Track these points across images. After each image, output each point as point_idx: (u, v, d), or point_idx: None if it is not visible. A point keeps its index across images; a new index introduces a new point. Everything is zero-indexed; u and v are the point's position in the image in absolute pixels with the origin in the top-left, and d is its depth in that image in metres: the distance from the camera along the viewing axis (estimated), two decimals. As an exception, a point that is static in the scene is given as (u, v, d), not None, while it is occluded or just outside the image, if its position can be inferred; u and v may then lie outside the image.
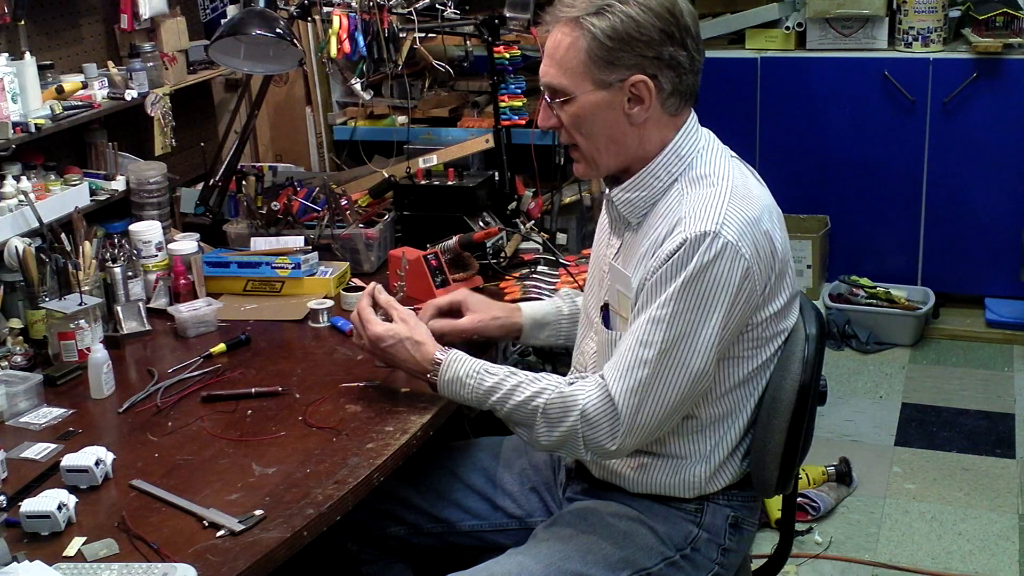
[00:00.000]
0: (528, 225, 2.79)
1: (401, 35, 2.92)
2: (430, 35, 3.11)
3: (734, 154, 1.87)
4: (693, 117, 1.84)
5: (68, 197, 2.53)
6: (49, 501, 1.64)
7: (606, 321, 1.87)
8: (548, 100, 1.82)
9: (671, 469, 1.86)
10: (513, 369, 1.84)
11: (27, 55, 2.54)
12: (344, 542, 2.13)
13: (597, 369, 1.87)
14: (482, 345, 2.16)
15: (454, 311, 2.12)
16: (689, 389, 1.73)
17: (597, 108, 1.77)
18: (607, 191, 1.89)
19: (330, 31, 2.82)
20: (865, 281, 4.43)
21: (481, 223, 2.70)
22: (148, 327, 2.41)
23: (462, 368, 1.86)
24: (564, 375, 1.91)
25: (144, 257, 2.52)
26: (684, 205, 1.75)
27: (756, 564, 2.18)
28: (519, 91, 2.90)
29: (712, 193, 1.74)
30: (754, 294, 1.73)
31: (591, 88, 1.75)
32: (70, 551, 1.60)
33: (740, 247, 1.69)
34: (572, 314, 2.14)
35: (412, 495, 2.10)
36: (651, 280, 1.72)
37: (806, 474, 3.24)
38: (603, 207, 1.95)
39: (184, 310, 2.40)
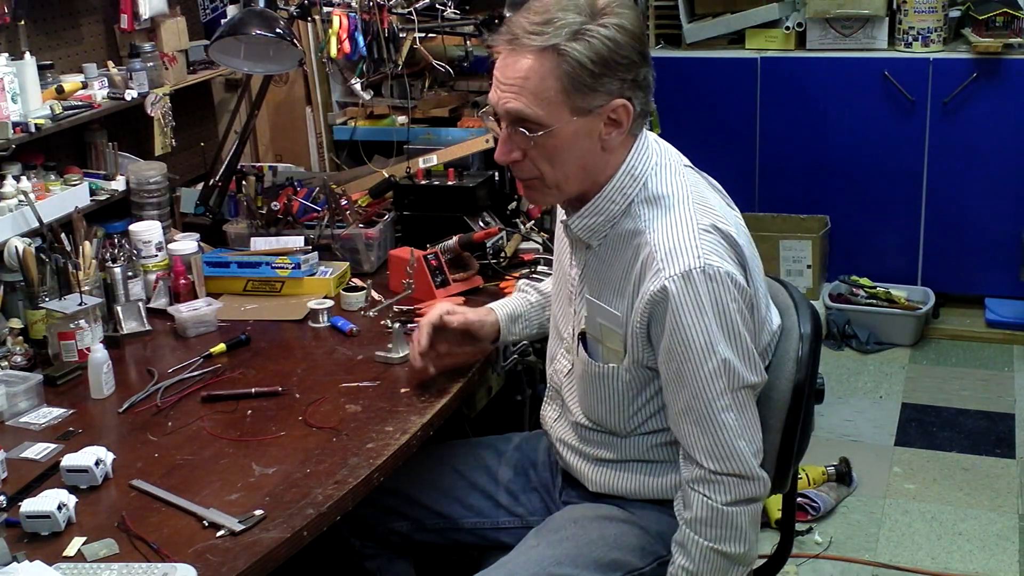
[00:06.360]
0: (528, 225, 2.79)
1: (401, 35, 2.92)
2: (430, 35, 3.11)
3: (686, 161, 1.84)
4: (644, 132, 1.80)
5: (68, 197, 2.53)
6: (49, 501, 1.64)
7: (588, 351, 1.84)
8: (511, 130, 1.71)
9: (666, 471, 1.85)
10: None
11: (27, 55, 2.53)
12: (347, 537, 2.13)
13: (575, 389, 1.87)
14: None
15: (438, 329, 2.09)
16: (756, 401, 1.76)
17: (576, 137, 1.69)
18: (561, 216, 1.85)
19: (330, 31, 2.82)
20: (865, 281, 4.43)
21: (481, 223, 2.70)
22: (148, 327, 2.41)
23: None
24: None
25: (144, 257, 2.52)
26: (650, 234, 1.72)
27: (755, 564, 2.18)
28: (519, 91, 2.89)
29: (677, 222, 1.71)
30: (747, 293, 1.73)
31: (569, 117, 1.68)
32: (70, 551, 1.60)
33: (723, 266, 1.68)
34: (538, 302, 2.14)
35: (415, 491, 2.10)
36: (676, 342, 1.69)
37: (806, 474, 3.24)
38: (557, 229, 1.92)
39: (184, 310, 2.40)
